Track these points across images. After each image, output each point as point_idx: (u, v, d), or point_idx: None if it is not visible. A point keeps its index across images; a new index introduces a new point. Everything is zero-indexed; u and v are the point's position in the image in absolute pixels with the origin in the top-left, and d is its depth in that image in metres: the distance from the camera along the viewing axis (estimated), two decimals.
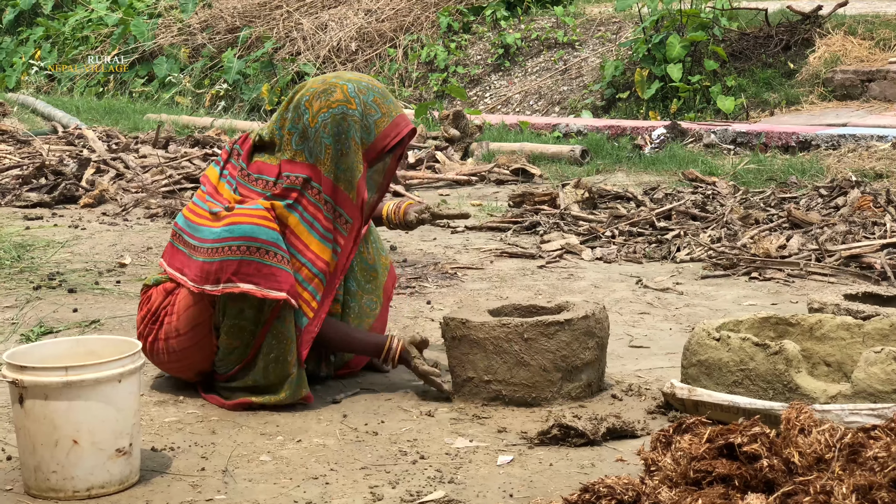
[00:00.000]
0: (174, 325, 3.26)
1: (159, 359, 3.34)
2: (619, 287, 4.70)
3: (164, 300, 3.30)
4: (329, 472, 2.78)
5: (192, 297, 3.22)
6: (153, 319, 3.31)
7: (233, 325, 3.20)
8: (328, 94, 3.23)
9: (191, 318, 3.23)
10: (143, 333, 3.33)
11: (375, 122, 3.25)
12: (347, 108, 3.22)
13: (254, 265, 3.11)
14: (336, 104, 3.22)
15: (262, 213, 3.16)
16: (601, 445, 2.93)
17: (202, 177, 3.41)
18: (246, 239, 3.12)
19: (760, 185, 6.71)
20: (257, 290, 3.11)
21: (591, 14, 11.42)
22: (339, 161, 3.21)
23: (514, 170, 7.44)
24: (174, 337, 3.26)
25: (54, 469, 2.62)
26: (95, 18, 13.62)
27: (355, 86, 3.25)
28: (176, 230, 3.34)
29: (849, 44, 9.30)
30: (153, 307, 3.31)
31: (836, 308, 3.56)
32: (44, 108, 10.63)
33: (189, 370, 3.34)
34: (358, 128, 3.22)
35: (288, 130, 3.25)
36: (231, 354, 3.24)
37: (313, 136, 3.21)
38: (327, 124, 3.20)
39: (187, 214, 3.32)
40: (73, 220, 6.21)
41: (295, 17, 12.21)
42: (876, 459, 2.20)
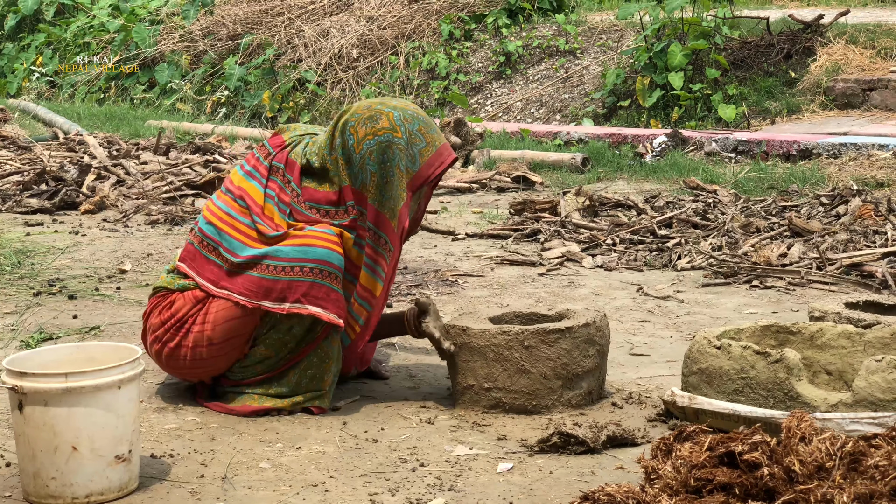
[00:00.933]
0: (207, 334, 3.21)
1: (177, 363, 3.28)
2: (619, 295, 4.69)
3: (192, 308, 3.23)
4: (329, 480, 2.77)
5: (238, 310, 3.17)
6: (177, 326, 3.25)
7: (277, 339, 3.20)
8: (374, 121, 3.21)
9: (230, 330, 3.19)
10: (160, 338, 3.26)
11: (420, 151, 3.23)
12: (393, 136, 3.20)
13: (324, 289, 3.12)
14: (382, 132, 3.20)
15: (334, 239, 3.17)
16: (601, 453, 2.92)
17: (234, 187, 3.31)
18: (321, 262, 3.12)
19: (761, 193, 6.70)
20: (324, 314, 3.12)
21: (593, 22, 11.43)
22: (383, 189, 3.19)
23: (515, 177, 7.44)
24: (205, 345, 3.22)
25: (53, 475, 2.62)
26: (97, 24, 13.63)
27: (401, 114, 3.24)
28: (203, 237, 3.27)
29: (850, 53, 9.31)
30: (179, 314, 3.25)
31: (837, 316, 3.55)
32: (45, 114, 10.63)
33: (204, 375, 3.32)
34: (403, 156, 3.20)
35: (337, 155, 3.23)
36: (259, 364, 3.24)
37: (358, 162, 3.20)
38: (373, 151, 3.19)
39: (218, 224, 3.26)
40: (73, 226, 6.21)
41: (296, 25, 12.22)
42: (877, 468, 2.19)
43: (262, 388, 3.25)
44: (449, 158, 3.27)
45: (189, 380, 3.39)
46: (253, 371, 3.25)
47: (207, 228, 3.28)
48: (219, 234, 3.25)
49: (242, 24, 12.54)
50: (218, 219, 3.28)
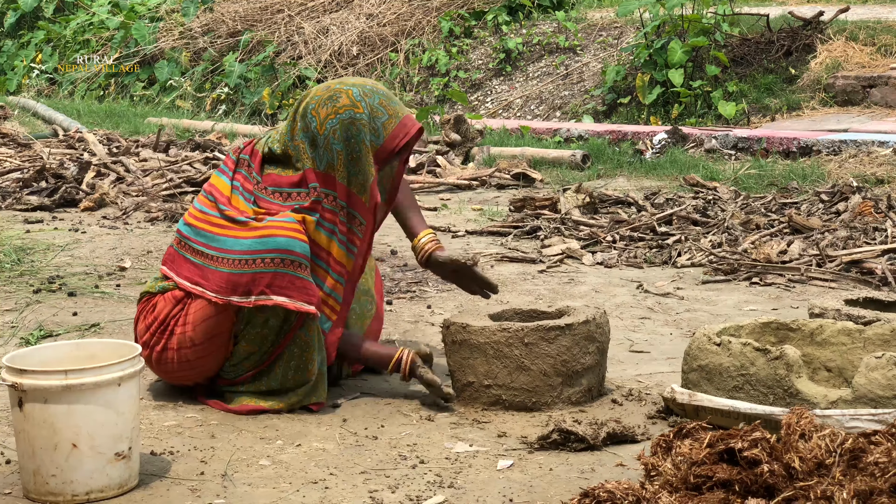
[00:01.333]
0: (189, 335, 3.22)
1: (166, 367, 3.31)
2: (619, 292, 4.69)
3: (174, 309, 3.26)
4: (329, 477, 2.77)
5: (213, 308, 3.19)
6: (161, 329, 3.27)
7: (255, 334, 3.20)
8: (334, 101, 3.22)
9: (209, 329, 3.21)
10: (148, 343, 3.29)
11: (383, 124, 3.24)
12: (355, 112, 3.22)
13: (287, 277, 3.12)
14: (343, 109, 3.21)
15: (295, 227, 3.16)
16: (601, 450, 2.92)
17: (207, 185, 3.38)
18: (281, 252, 3.12)
19: (761, 190, 6.70)
20: (290, 302, 3.12)
21: (593, 19, 11.42)
22: (350, 166, 3.21)
23: (515, 174, 7.44)
24: (188, 347, 3.23)
25: (53, 473, 2.62)
26: (97, 22, 13.63)
27: (360, 90, 3.25)
28: (181, 238, 3.31)
29: (850, 49, 9.30)
30: (161, 316, 3.27)
31: (836, 313, 3.55)
32: (44, 112, 10.63)
33: (197, 377, 3.33)
34: (367, 131, 3.22)
35: (298, 139, 3.25)
36: (246, 360, 3.24)
37: (323, 143, 3.21)
38: (336, 130, 3.20)
39: (193, 222, 3.29)
40: (73, 223, 6.21)
41: (296, 22, 12.22)
42: (877, 465, 2.19)
43: (255, 385, 3.25)
44: (413, 129, 3.27)
45: (183, 383, 3.38)
46: (243, 368, 3.26)
47: (184, 228, 3.32)
48: (193, 231, 3.28)
49: (242, 21, 12.53)
50: (193, 217, 3.32)
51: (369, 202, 3.24)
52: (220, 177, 3.35)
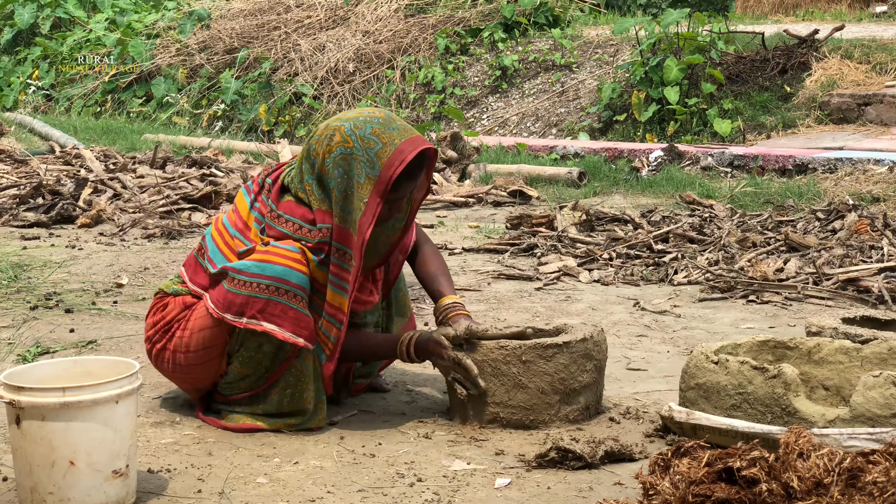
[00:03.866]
0: (185, 340, 3.25)
1: (162, 367, 3.35)
2: (616, 309, 4.70)
3: (181, 313, 3.29)
4: (326, 495, 2.77)
5: (210, 319, 3.20)
6: (165, 329, 3.31)
7: (249, 357, 3.20)
8: (329, 139, 3.18)
9: (204, 340, 3.22)
10: (151, 338, 3.34)
11: (377, 154, 3.15)
12: (345, 147, 3.15)
13: (280, 307, 3.11)
14: (336, 146, 3.16)
15: (296, 257, 3.14)
16: (599, 469, 2.92)
17: (235, 201, 3.38)
18: (277, 280, 3.10)
19: (757, 208, 6.72)
20: (279, 332, 3.11)
21: (589, 36, 11.46)
22: (342, 203, 3.15)
23: (512, 192, 7.45)
24: (182, 352, 3.26)
25: (51, 490, 2.61)
26: (93, 38, 13.65)
27: (351, 124, 3.18)
28: (203, 246, 3.32)
29: (845, 67, 9.34)
30: (167, 317, 3.30)
31: (834, 332, 3.56)
32: (41, 128, 10.64)
33: (190, 385, 3.35)
34: (362, 164, 3.14)
35: (307, 181, 3.22)
36: (241, 381, 3.24)
37: (326, 182, 3.18)
38: (330, 168, 3.16)
39: (216, 237, 3.30)
40: (70, 240, 6.21)
41: (293, 39, 12.24)
42: (875, 484, 2.19)
43: (251, 407, 3.26)
44: (410, 154, 3.15)
45: (179, 386, 3.41)
46: (238, 388, 3.25)
47: (208, 236, 3.35)
48: (213, 246, 3.29)
49: (239, 38, 12.56)
50: (216, 230, 3.34)
51: (358, 238, 3.15)
52: (245, 196, 3.34)
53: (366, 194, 3.13)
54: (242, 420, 3.24)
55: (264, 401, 3.24)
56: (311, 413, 3.25)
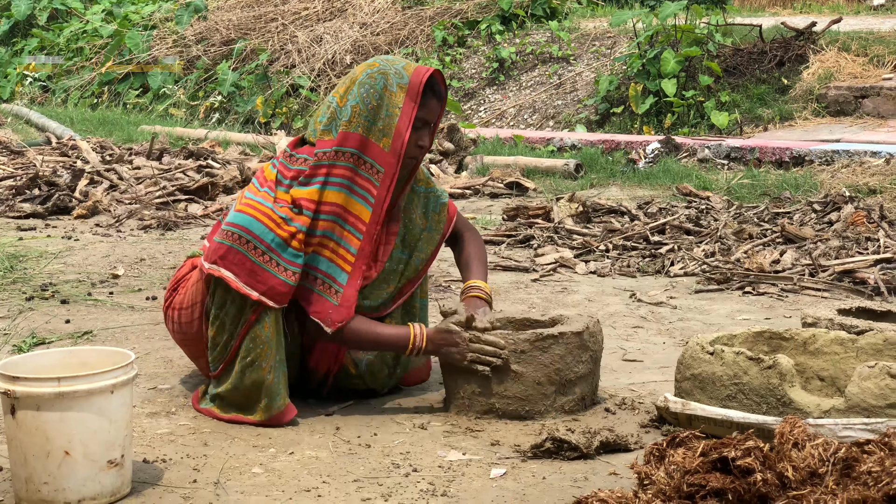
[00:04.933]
0: (181, 297, 3.36)
1: (168, 325, 3.45)
2: (612, 301, 4.70)
3: (189, 272, 3.40)
4: (321, 485, 2.77)
5: (198, 273, 3.29)
6: (173, 287, 3.44)
7: (216, 316, 3.20)
8: (350, 77, 3.29)
9: (192, 295, 3.31)
10: (166, 297, 3.45)
11: (403, 68, 3.27)
12: (370, 69, 3.27)
13: (239, 256, 3.13)
14: (360, 73, 3.27)
15: (266, 210, 3.17)
16: (594, 459, 2.92)
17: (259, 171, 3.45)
18: (240, 228, 3.15)
19: (754, 199, 6.72)
20: (234, 279, 3.12)
21: (586, 29, 11.45)
22: (370, 114, 3.22)
23: (509, 183, 7.44)
24: (177, 308, 3.36)
25: (46, 480, 2.61)
26: (90, 30, 13.64)
27: (371, 60, 3.33)
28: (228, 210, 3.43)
29: (842, 60, 9.33)
30: (178, 276, 3.45)
31: (829, 323, 3.56)
32: (38, 119, 10.63)
33: (188, 348, 3.42)
34: (391, 76, 3.24)
35: (322, 119, 3.28)
36: (215, 350, 3.23)
37: (339, 111, 3.24)
38: (352, 92, 3.24)
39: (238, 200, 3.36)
40: (66, 231, 6.21)
41: (290, 30, 12.23)
42: (870, 474, 2.19)
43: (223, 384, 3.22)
44: (430, 70, 3.28)
45: (183, 351, 3.51)
46: (215, 359, 3.24)
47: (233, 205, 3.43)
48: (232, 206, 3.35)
49: (236, 30, 12.54)
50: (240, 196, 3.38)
51: (389, 146, 3.22)
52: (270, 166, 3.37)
53: (399, 100, 3.23)
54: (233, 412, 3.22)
55: (230, 372, 3.21)
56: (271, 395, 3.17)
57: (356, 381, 3.45)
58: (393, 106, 3.23)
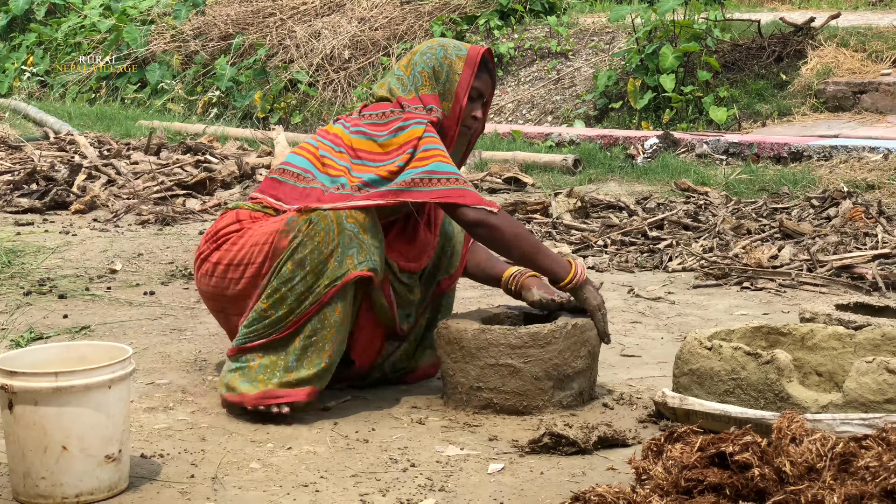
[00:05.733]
0: (230, 252, 3.26)
1: (202, 280, 3.36)
2: (611, 296, 4.70)
3: (231, 224, 3.31)
4: (319, 480, 2.77)
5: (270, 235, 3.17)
6: (213, 238, 3.33)
7: (275, 290, 3.13)
8: (412, 52, 3.45)
9: (249, 254, 3.21)
10: (201, 249, 3.36)
11: (461, 43, 3.44)
12: (431, 42, 3.44)
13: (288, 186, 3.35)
14: (420, 47, 3.44)
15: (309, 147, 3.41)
16: (592, 454, 2.92)
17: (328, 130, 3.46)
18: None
19: (752, 195, 6.72)
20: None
21: (585, 24, 11.44)
22: (434, 76, 3.37)
23: (507, 178, 7.44)
24: (223, 263, 3.27)
25: (43, 475, 2.61)
26: (88, 24, 13.61)
27: (426, 44, 3.45)
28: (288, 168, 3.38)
29: (841, 55, 9.33)
30: (218, 225, 3.35)
31: (827, 318, 3.56)
32: (35, 114, 10.61)
33: (218, 303, 3.34)
34: (450, 47, 3.41)
35: (395, 85, 3.39)
36: (259, 322, 3.15)
37: (408, 79, 3.39)
38: (417, 59, 3.40)
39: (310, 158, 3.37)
40: (63, 225, 6.20)
41: (288, 25, 12.21)
42: (867, 469, 2.20)
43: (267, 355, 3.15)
44: (486, 48, 3.42)
45: (210, 308, 3.43)
46: (255, 332, 3.16)
47: (294, 159, 3.39)
48: (309, 165, 3.34)
49: (234, 25, 12.52)
50: (308, 153, 3.38)
51: (450, 110, 3.37)
52: (339, 126, 3.42)
53: (459, 67, 3.38)
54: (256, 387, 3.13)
55: (285, 349, 3.15)
56: (325, 369, 3.17)
57: (375, 373, 3.47)
58: (453, 72, 3.38)
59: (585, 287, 3.29)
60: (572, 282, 3.27)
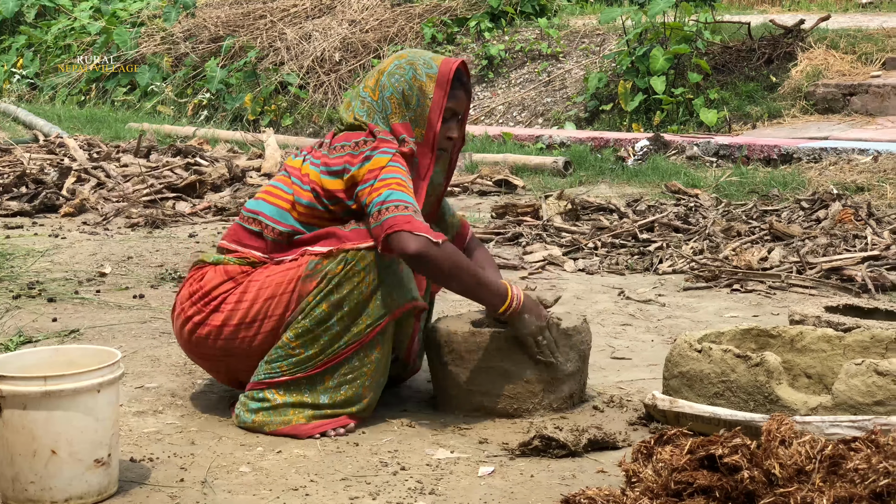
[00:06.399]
0: (237, 312, 3.09)
1: (200, 346, 3.17)
2: (601, 298, 4.70)
3: (223, 284, 3.13)
4: (309, 484, 2.77)
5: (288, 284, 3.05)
6: (205, 300, 3.14)
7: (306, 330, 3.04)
8: (378, 69, 3.25)
9: (265, 308, 3.07)
10: (186, 312, 3.16)
11: (430, 58, 3.25)
12: (398, 59, 3.24)
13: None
14: (389, 65, 3.23)
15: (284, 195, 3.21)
16: (582, 457, 2.92)
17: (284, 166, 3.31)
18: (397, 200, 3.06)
19: (742, 197, 6.73)
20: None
21: (576, 26, 11.45)
22: (404, 102, 3.19)
23: (497, 181, 7.44)
24: (230, 325, 3.10)
25: (32, 480, 2.60)
26: (78, 27, 13.59)
27: (393, 57, 3.28)
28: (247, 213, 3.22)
29: (831, 58, 9.35)
30: (206, 287, 3.14)
31: (816, 320, 3.57)
32: (25, 117, 10.59)
33: (225, 368, 3.20)
34: (420, 66, 3.21)
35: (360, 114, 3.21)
36: (283, 361, 3.08)
37: (377, 104, 3.20)
38: (386, 81, 3.20)
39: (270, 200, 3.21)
40: (53, 229, 6.19)
41: (279, 27, 12.20)
42: (856, 471, 2.20)
43: (291, 394, 3.08)
44: (459, 60, 3.25)
45: (209, 370, 3.26)
46: (278, 369, 3.09)
47: (258, 206, 3.23)
48: (267, 207, 3.19)
49: (224, 27, 12.51)
50: (268, 195, 3.23)
51: (423, 137, 3.18)
52: (296, 158, 3.28)
53: (430, 90, 3.19)
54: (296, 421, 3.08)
55: (313, 387, 3.08)
56: (368, 403, 3.13)
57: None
58: (424, 96, 3.19)
59: (521, 317, 3.15)
60: (506, 313, 3.14)
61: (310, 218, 3.15)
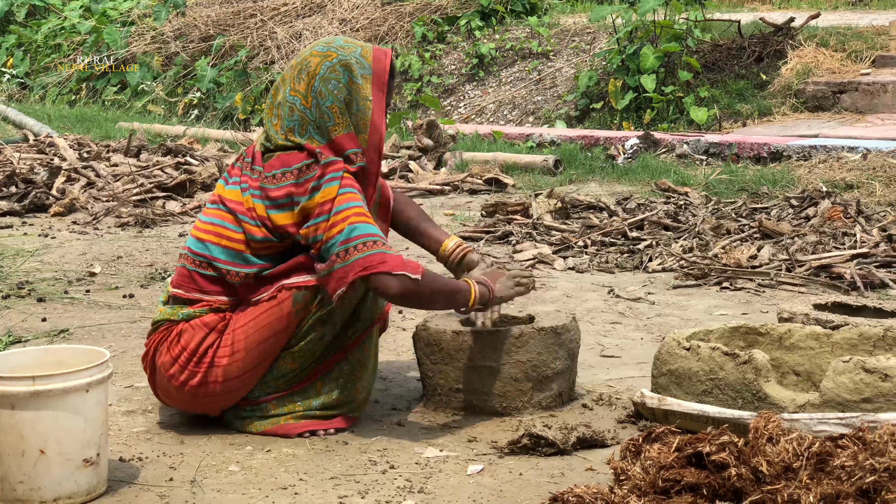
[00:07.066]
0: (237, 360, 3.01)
1: (203, 400, 3.07)
2: (590, 297, 4.71)
3: (207, 337, 3.03)
4: (298, 482, 2.77)
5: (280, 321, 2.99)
6: (196, 361, 3.02)
7: (302, 350, 3.04)
8: (306, 72, 3.05)
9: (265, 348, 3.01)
10: (176, 376, 3.04)
11: (361, 55, 3.07)
12: (329, 60, 3.04)
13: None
14: (319, 66, 3.03)
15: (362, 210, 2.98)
16: (571, 455, 2.93)
17: (216, 196, 3.12)
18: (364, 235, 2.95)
19: (732, 195, 6.74)
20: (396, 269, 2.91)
21: (566, 24, 11.45)
22: (346, 111, 3.03)
23: (488, 179, 7.44)
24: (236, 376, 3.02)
25: (21, 479, 2.60)
26: (68, 26, 13.56)
27: (318, 46, 3.08)
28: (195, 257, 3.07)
29: (821, 55, 9.37)
30: (191, 346, 3.02)
31: (805, 318, 3.57)
32: (15, 116, 10.57)
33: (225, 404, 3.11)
34: (354, 67, 3.04)
35: (288, 126, 3.04)
36: (281, 378, 3.08)
37: (312, 113, 3.03)
38: (322, 87, 3.01)
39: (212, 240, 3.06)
40: (43, 228, 6.18)
41: (269, 26, 12.19)
42: (843, 468, 2.21)
43: (286, 405, 3.09)
44: (389, 52, 3.10)
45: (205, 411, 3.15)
46: (273, 386, 3.10)
47: (198, 246, 3.07)
48: (214, 249, 3.04)
49: (214, 26, 12.49)
50: (207, 234, 3.07)
51: (367, 142, 3.04)
52: (230, 187, 3.10)
53: (368, 92, 3.05)
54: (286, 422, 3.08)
55: (306, 395, 3.09)
56: (360, 403, 3.16)
57: None
58: (363, 99, 3.04)
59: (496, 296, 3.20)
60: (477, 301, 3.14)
61: (269, 251, 3.03)
